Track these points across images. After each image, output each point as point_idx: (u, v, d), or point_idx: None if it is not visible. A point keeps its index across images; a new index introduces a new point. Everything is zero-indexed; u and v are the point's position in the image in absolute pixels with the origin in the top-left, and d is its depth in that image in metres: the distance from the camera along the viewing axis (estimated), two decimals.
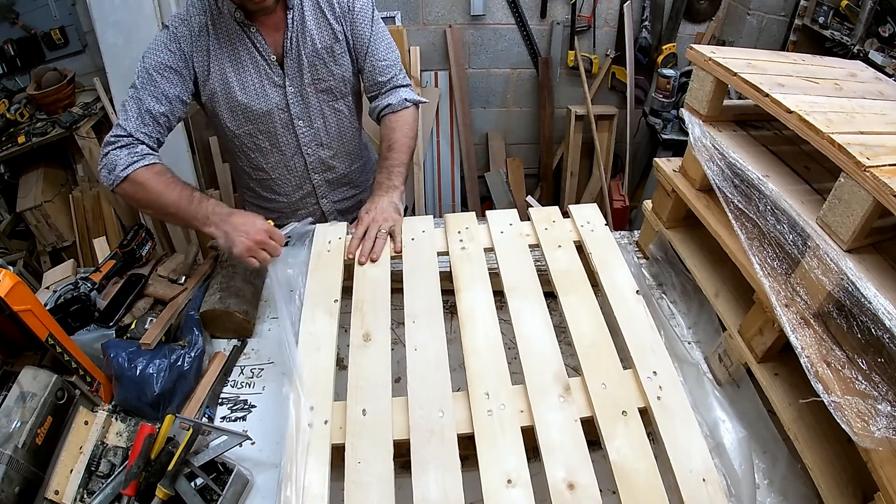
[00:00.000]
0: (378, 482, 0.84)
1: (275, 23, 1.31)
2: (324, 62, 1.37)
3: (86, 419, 1.03)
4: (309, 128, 1.45)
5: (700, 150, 1.13)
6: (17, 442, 0.89)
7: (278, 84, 1.36)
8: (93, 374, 1.08)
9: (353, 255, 1.22)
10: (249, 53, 1.32)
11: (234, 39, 1.29)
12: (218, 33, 1.28)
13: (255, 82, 1.34)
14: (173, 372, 1.11)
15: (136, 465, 0.92)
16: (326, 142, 1.50)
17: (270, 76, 1.35)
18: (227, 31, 1.28)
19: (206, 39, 1.28)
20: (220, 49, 1.29)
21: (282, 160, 1.49)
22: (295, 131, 1.44)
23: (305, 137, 1.46)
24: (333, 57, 1.38)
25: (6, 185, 2.87)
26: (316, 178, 1.56)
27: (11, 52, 2.78)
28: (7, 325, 0.95)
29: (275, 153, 1.48)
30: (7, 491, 0.85)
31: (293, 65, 1.35)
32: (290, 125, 1.43)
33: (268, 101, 1.37)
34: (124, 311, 1.25)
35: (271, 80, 1.35)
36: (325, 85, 1.40)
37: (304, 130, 1.45)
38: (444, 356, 1.02)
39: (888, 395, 0.79)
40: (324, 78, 1.39)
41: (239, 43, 1.30)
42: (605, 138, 3.31)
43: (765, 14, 2.75)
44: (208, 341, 1.25)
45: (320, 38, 1.35)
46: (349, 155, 1.58)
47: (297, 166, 1.52)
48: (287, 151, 1.48)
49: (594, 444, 0.90)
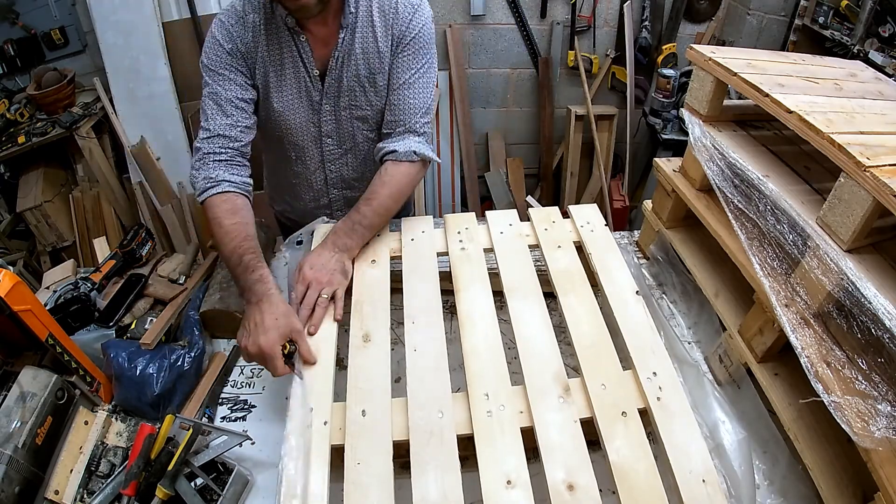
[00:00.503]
0: (377, 483, 0.84)
1: (325, 37, 1.25)
2: (363, 90, 1.30)
3: (86, 419, 1.03)
4: (337, 147, 1.40)
5: (700, 150, 1.13)
6: (17, 442, 0.89)
7: (315, 99, 1.31)
8: (93, 374, 1.08)
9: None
10: (293, 62, 1.26)
11: (282, 44, 1.24)
12: (268, 34, 1.22)
13: (292, 92, 1.29)
14: (173, 372, 1.11)
15: (136, 465, 0.93)
16: (353, 164, 1.45)
17: (309, 90, 1.29)
18: (277, 34, 1.22)
19: (256, 38, 1.23)
20: (266, 51, 1.24)
21: (304, 172, 1.46)
22: (322, 147, 1.40)
23: (331, 155, 1.42)
24: (375, 87, 1.30)
25: (6, 185, 2.88)
26: (334, 193, 1.52)
27: (11, 52, 2.78)
28: (7, 325, 0.95)
29: (298, 164, 1.44)
30: (7, 491, 0.85)
31: (333, 84, 1.29)
32: (319, 141, 1.38)
33: (301, 113, 1.32)
34: (124, 311, 1.25)
35: (309, 93, 1.30)
36: (361, 113, 1.34)
37: (331, 148, 1.40)
38: (444, 357, 1.02)
39: (888, 395, 0.79)
40: (361, 105, 1.32)
41: (286, 49, 1.24)
42: (605, 138, 3.31)
43: (765, 14, 2.75)
44: (208, 341, 1.25)
45: (365, 66, 1.27)
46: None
47: (317, 180, 1.48)
48: (311, 165, 1.44)
49: (594, 444, 0.90)
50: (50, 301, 1.21)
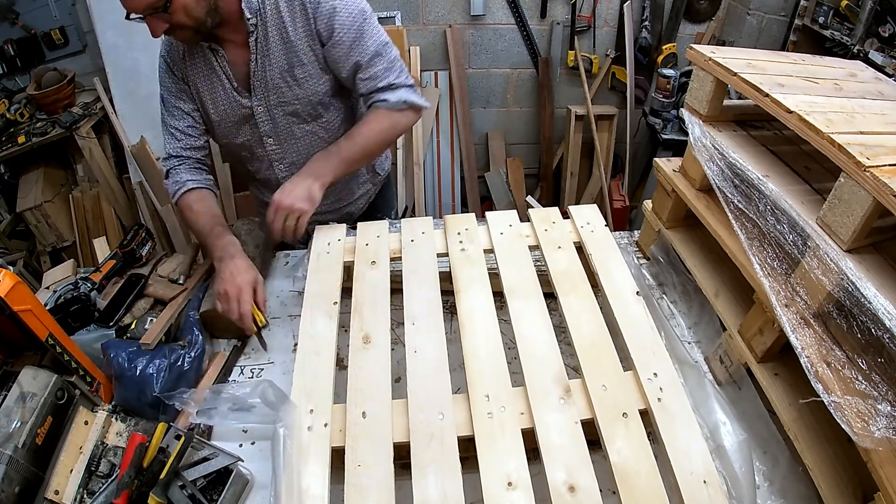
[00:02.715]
0: (378, 485, 0.84)
1: (241, 41, 1.29)
2: (287, 85, 1.32)
3: (86, 419, 1.03)
4: (279, 146, 1.44)
5: (700, 150, 1.13)
6: (17, 442, 0.89)
7: (245, 105, 1.35)
8: (93, 374, 1.08)
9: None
10: (217, 75, 1.32)
11: (205, 61, 1.31)
12: (193, 55, 1.31)
13: (223, 102, 1.35)
14: (173, 372, 1.11)
15: (128, 474, 0.92)
16: (298, 161, 1.45)
17: (237, 98, 1.34)
18: (199, 52, 1.31)
19: (185, 60, 1.32)
20: (195, 70, 1.32)
21: (259, 170, 1.51)
22: (265, 148, 1.44)
23: (276, 155, 1.45)
24: (296, 80, 1.32)
25: (6, 185, 2.88)
26: None
27: (11, 52, 2.78)
28: (7, 325, 0.95)
29: (253, 165, 1.50)
30: (7, 491, 0.85)
31: (260, 86, 1.33)
32: (261, 142, 1.43)
33: (236, 119, 1.38)
34: (124, 311, 1.25)
35: (237, 101, 1.35)
36: (291, 108, 1.36)
37: (273, 148, 1.44)
38: (444, 359, 1.02)
39: (888, 395, 0.79)
40: (289, 101, 1.35)
41: (208, 64, 1.32)
42: (605, 138, 3.31)
43: (765, 14, 2.75)
44: (208, 341, 1.25)
45: (285, 60, 1.29)
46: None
47: (270, 179, 1.51)
48: (262, 166, 1.49)
49: (595, 444, 0.90)
50: (50, 301, 1.21)
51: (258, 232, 1.46)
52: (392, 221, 1.35)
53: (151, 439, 0.96)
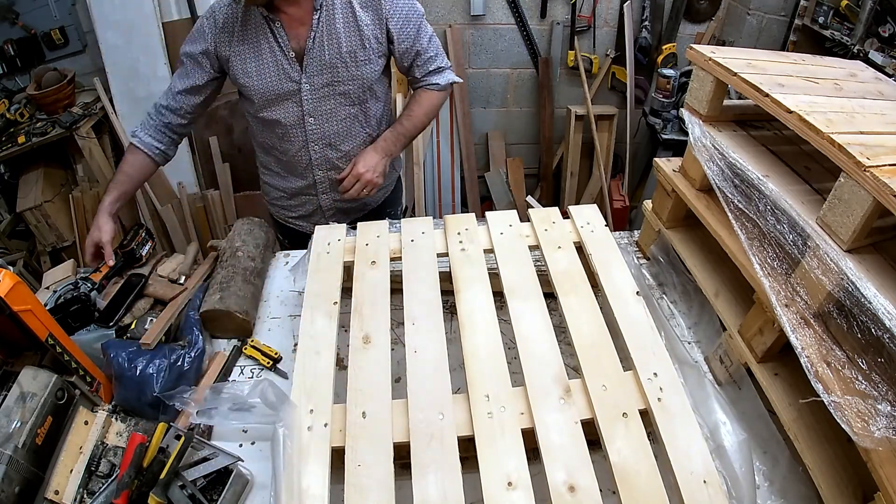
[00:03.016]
0: (378, 485, 0.84)
1: (300, 17, 1.34)
2: (346, 65, 1.39)
3: (86, 419, 1.03)
4: (319, 126, 1.48)
5: (700, 150, 1.13)
6: (17, 442, 0.89)
7: (294, 80, 1.39)
8: (93, 374, 1.08)
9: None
10: (269, 46, 1.36)
11: (258, 31, 1.35)
12: (245, 23, 1.34)
13: (271, 74, 1.38)
14: (173, 372, 1.11)
15: (128, 474, 0.92)
16: (335, 143, 1.52)
17: (287, 71, 1.38)
18: (253, 22, 1.34)
19: (231, 30, 1.35)
20: (243, 38, 1.36)
21: (290, 149, 1.53)
22: (304, 127, 1.47)
23: (314, 135, 1.49)
24: (356, 62, 1.40)
25: (6, 185, 2.87)
26: (319, 175, 1.58)
27: (11, 52, 2.77)
28: (7, 325, 0.95)
29: (285, 142, 1.52)
30: (7, 491, 0.85)
31: (314, 63, 1.38)
32: (301, 121, 1.46)
33: (282, 94, 1.41)
34: (124, 311, 1.25)
35: (288, 75, 1.39)
36: (344, 88, 1.43)
37: (313, 128, 1.48)
38: (444, 359, 1.02)
39: (888, 395, 0.79)
40: (343, 81, 1.41)
41: (262, 35, 1.35)
42: (605, 138, 3.30)
43: (765, 14, 2.75)
44: (208, 341, 1.25)
45: (347, 41, 1.37)
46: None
47: (302, 159, 1.55)
48: (296, 144, 1.51)
49: (594, 443, 0.90)
50: (50, 301, 1.21)
51: (258, 231, 1.46)
52: (392, 221, 1.35)
53: (151, 439, 0.96)
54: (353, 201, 1.62)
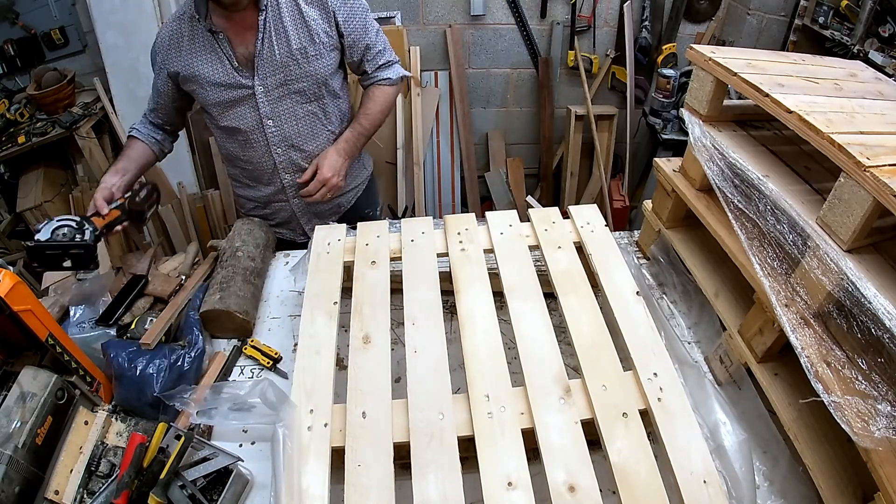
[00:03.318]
0: (378, 485, 0.84)
1: (247, 22, 1.35)
2: (297, 63, 1.39)
3: (86, 419, 1.03)
4: (279, 128, 1.47)
5: (700, 150, 1.13)
6: (17, 442, 0.89)
7: (246, 85, 1.40)
8: (93, 374, 1.08)
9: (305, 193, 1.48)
10: (217, 56, 1.38)
11: (204, 43, 1.37)
12: (193, 37, 1.37)
13: (223, 83, 1.40)
14: (173, 372, 1.11)
15: (128, 474, 0.92)
16: (298, 143, 1.51)
17: (237, 78, 1.39)
18: (199, 36, 1.37)
19: (178, 46, 1.39)
20: (192, 52, 1.38)
21: (254, 156, 1.53)
22: (265, 131, 1.47)
23: (275, 138, 1.48)
24: (307, 58, 1.40)
25: (6, 185, 2.87)
26: (286, 178, 1.57)
27: (11, 52, 2.77)
28: (7, 325, 0.95)
29: (248, 149, 1.52)
30: (7, 491, 0.85)
31: (265, 65, 1.38)
32: (260, 124, 1.46)
33: (236, 100, 1.42)
34: (124, 310, 1.25)
35: (238, 81, 1.39)
36: (298, 86, 1.43)
37: (273, 131, 1.47)
38: (444, 359, 1.02)
39: (888, 395, 0.79)
40: (297, 78, 1.41)
41: (208, 46, 1.37)
42: (605, 138, 3.30)
43: (765, 14, 2.75)
44: (208, 341, 1.25)
45: (296, 38, 1.37)
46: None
47: (267, 165, 1.54)
48: (259, 149, 1.51)
49: (594, 443, 0.90)
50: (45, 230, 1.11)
51: (258, 231, 1.46)
52: (392, 221, 1.35)
53: (151, 439, 0.96)
54: (325, 203, 1.62)
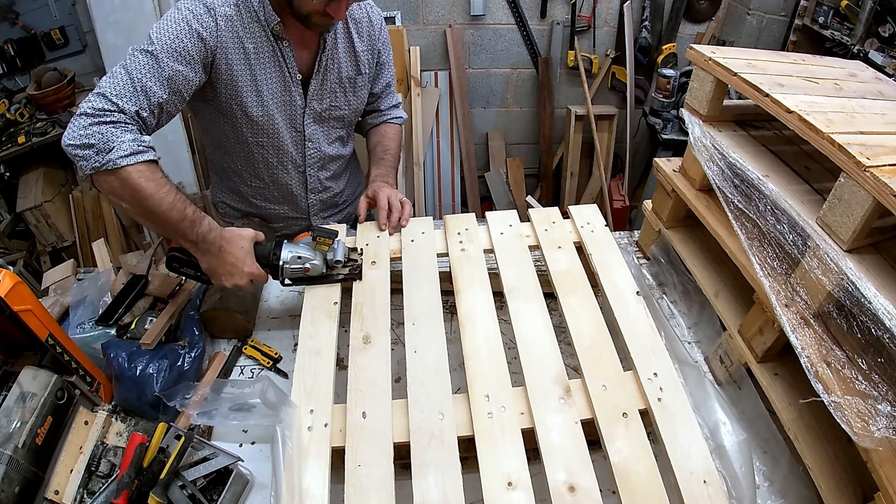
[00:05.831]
0: (378, 485, 0.84)
1: (308, 41, 1.28)
2: (343, 91, 1.38)
3: (86, 419, 1.03)
4: (317, 150, 1.44)
5: (700, 150, 1.13)
6: (17, 442, 0.89)
7: (297, 103, 1.32)
8: (93, 374, 1.08)
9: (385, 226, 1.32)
10: (278, 67, 1.25)
11: (264, 48, 1.22)
12: (249, 36, 1.19)
13: (277, 97, 1.29)
14: (173, 372, 1.11)
15: (128, 474, 0.92)
16: (329, 165, 1.51)
17: (292, 93, 1.30)
18: (257, 36, 1.20)
19: (234, 38, 1.17)
20: (247, 54, 1.20)
21: (283, 177, 1.45)
22: (304, 152, 1.42)
23: (311, 159, 1.44)
24: (354, 88, 1.39)
25: (6, 185, 2.88)
26: (312, 199, 1.53)
27: (11, 52, 2.78)
28: (7, 325, 0.95)
29: (278, 169, 1.43)
30: (7, 491, 0.85)
31: (317, 87, 1.33)
32: (301, 145, 1.40)
33: (286, 118, 1.33)
34: (124, 310, 1.25)
35: (293, 98, 1.31)
36: (340, 113, 1.41)
37: (312, 152, 1.43)
38: (444, 359, 1.02)
39: (888, 395, 0.79)
40: (340, 106, 1.39)
41: (269, 53, 1.23)
42: (605, 138, 3.30)
43: (765, 14, 2.75)
44: (208, 341, 1.25)
45: (346, 68, 1.35)
46: (342, 177, 1.59)
47: (296, 185, 1.48)
48: (291, 170, 1.44)
49: (594, 443, 0.90)
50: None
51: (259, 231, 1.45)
52: None
53: (151, 439, 0.96)
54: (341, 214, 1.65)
